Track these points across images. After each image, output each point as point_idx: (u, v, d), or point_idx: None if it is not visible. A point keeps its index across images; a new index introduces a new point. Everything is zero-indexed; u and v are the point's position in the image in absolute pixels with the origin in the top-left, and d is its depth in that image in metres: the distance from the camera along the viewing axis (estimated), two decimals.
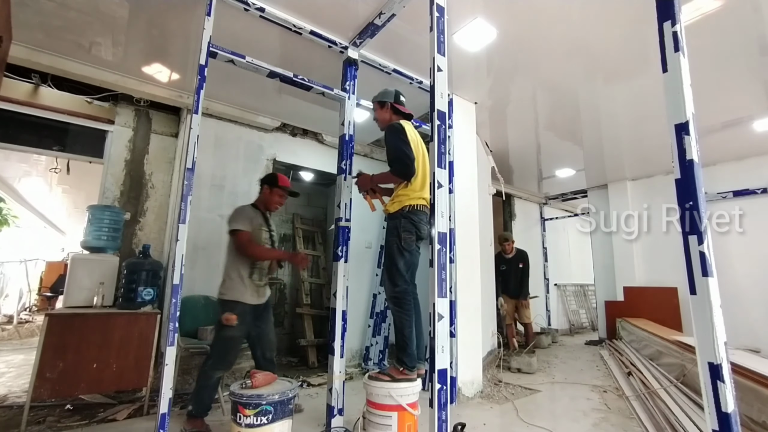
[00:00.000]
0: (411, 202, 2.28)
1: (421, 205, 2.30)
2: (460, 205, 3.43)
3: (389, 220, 2.37)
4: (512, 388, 3.59)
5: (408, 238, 2.26)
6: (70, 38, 2.84)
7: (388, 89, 2.57)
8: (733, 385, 1.00)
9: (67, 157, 4.68)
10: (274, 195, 2.69)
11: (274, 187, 2.69)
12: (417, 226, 2.28)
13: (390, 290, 2.31)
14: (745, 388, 2.37)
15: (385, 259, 2.36)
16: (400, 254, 2.26)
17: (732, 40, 2.78)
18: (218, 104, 3.75)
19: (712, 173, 5.26)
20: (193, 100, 2.08)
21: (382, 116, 2.53)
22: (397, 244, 2.27)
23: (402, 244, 2.26)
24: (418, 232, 2.28)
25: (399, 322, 2.26)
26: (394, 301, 2.29)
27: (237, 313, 2.42)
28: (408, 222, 2.26)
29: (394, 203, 2.34)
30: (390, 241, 2.32)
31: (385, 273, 2.35)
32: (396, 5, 2.39)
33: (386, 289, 2.36)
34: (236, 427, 1.85)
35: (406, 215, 2.27)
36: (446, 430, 1.48)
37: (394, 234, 2.29)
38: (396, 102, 2.50)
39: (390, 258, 2.30)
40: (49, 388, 2.47)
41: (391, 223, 2.35)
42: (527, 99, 3.82)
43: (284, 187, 2.71)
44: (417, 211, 2.28)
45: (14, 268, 7.29)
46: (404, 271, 2.27)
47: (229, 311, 2.41)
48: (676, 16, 1.19)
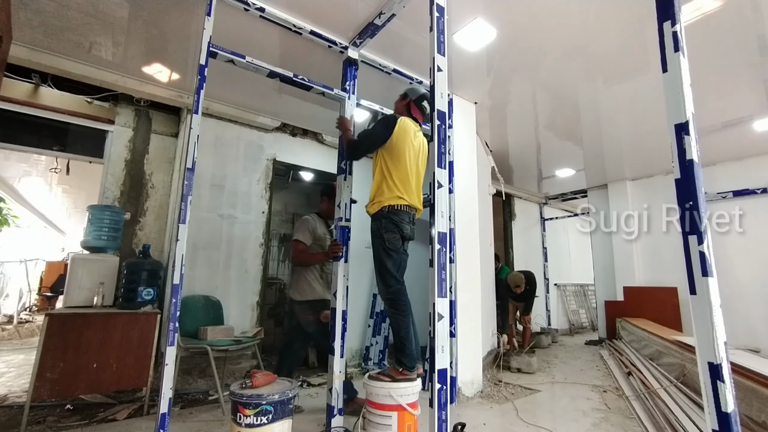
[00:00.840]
0: (390, 202, 2.27)
1: (401, 205, 2.28)
2: (460, 205, 3.43)
3: (372, 222, 2.36)
4: (512, 388, 3.59)
5: (391, 238, 2.25)
6: (70, 38, 2.84)
7: (419, 88, 2.60)
8: (732, 385, 1.00)
9: (67, 157, 4.68)
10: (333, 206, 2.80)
11: (332, 198, 2.88)
12: (398, 226, 2.26)
13: (384, 292, 2.31)
14: (745, 388, 2.37)
15: (375, 262, 2.33)
16: (386, 255, 2.26)
17: (732, 40, 2.78)
18: (218, 104, 3.75)
19: (712, 173, 5.26)
20: (193, 100, 2.08)
21: (398, 107, 2.57)
22: (382, 246, 2.26)
23: (387, 245, 2.25)
24: (401, 232, 2.27)
25: (395, 323, 2.26)
26: (389, 303, 2.29)
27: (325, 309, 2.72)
28: (389, 222, 2.25)
29: (373, 204, 2.33)
30: (375, 243, 2.32)
31: (376, 276, 2.34)
32: (396, 5, 2.39)
33: (380, 291, 2.36)
34: (236, 427, 1.85)
35: (386, 215, 2.26)
36: (446, 429, 1.48)
37: (377, 236, 2.29)
38: (415, 103, 2.51)
39: (378, 260, 2.30)
40: (49, 388, 2.47)
41: (373, 225, 2.34)
42: (527, 99, 3.82)
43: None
44: (397, 211, 2.27)
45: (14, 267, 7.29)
46: (394, 272, 2.26)
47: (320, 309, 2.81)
48: (675, 16, 1.19)
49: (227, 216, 3.80)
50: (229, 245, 3.77)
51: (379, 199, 2.30)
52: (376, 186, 2.36)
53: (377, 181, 2.36)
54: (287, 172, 4.99)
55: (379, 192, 2.32)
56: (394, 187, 2.28)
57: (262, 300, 3.91)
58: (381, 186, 2.32)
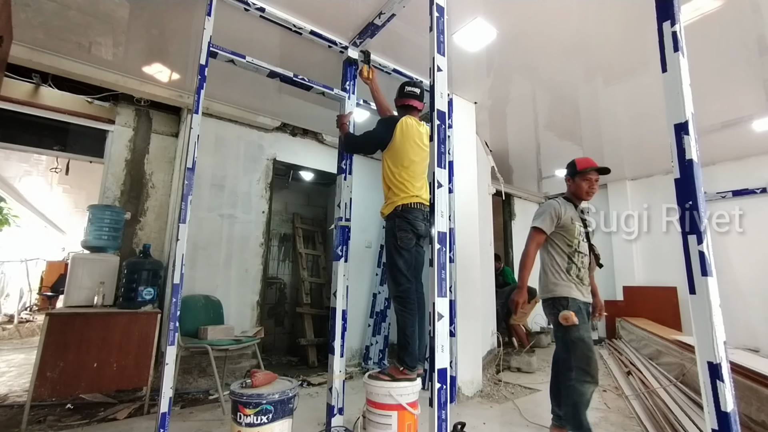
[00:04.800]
0: (403, 201, 2.28)
1: (416, 203, 2.29)
2: (460, 205, 3.43)
3: (386, 222, 2.37)
4: (512, 387, 3.59)
5: (404, 237, 2.25)
6: (70, 38, 2.84)
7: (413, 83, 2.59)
8: (732, 385, 1.00)
9: (68, 157, 4.69)
10: (579, 183, 2.42)
11: (575, 176, 2.44)
12: (412, 224, 2.26)
13: (393, 290, 2.31)
14: (745, 387, 2.37)
15: (387, 261, 2.37)
16: (398, 254, 2.27)
17: (732, 40, 2.78)
18: (218, 104, 3.75)
19: (711, 173, 5.26)
20: (193, 100, 2.08)
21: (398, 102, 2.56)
22: (395, 244, 2.27)
23: (399, 244, 2.26)
24: (414, 230, 2.27)
25: (402, 321, 2.26)
26: (398, 301, 2.30)
27: (573, 309, 2.18)
28: (402, 221, 2.26)
29: (387, 205, 2.35)
30: (388, 242, 2.33)
31: (387, 274, 2.37)
32: (396, 5, 2.40)
33: (390, 289, 2.38)
34: (236, 426, 1.85)
35: (399, 215, 2.27)
36: (446, 429, 1.48)
37: (391, 235, 2.30)
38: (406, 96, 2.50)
39: (390, 259, 2.32)
40: (49, 387, 2.47)
41: (387, 224, 2.36)
42: (527, 99, 3.82)
43: (585, 170, 2.42)
44: (411, 209, 2.28)
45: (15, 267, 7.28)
46: (405, 270, 2.27)
47: (562, 309, 2.20)
48: (675, 16, 1.19)
49: (227, 216, 3.80)
50: (229, 245, 3.78)
51: (393, 200, 2.32)
52: (386, 188, 2.38)
53: (387, 184, 2.37)
54: (287, 171, 4.99)
55: (391, 193, 2.34)
56: (404, 187, 2.29)
57: (262, 300, 3.92)
58: (392, 188, 2.34)
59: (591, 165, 2.43)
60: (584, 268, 2.34)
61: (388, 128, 2.35)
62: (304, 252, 5.15)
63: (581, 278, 2.31)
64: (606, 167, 2.42)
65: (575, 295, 2.25)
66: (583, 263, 2.34)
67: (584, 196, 2.42)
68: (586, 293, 2.32)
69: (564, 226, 2.33)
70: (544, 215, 2.35)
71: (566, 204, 2.41)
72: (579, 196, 2.44)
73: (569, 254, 2.31)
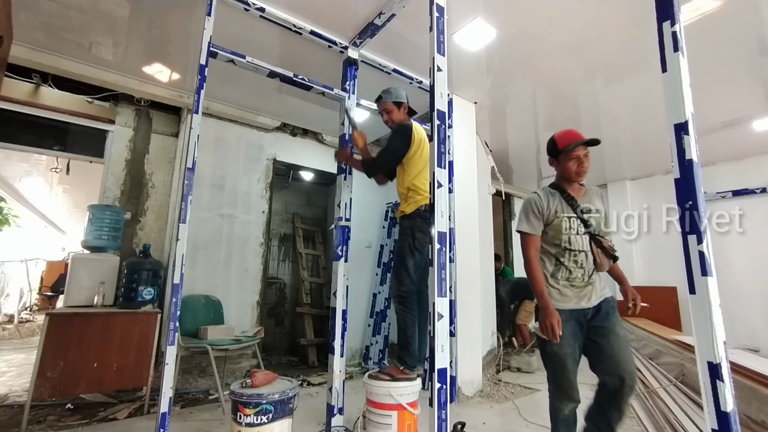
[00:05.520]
0: (426, 201, 2.26)
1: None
2: (460, 205, 3.43)
3: (404, 220, 2.36)
4: (512, 387, 3.59)
5: (422, 239, 2.23)
6: (70, 38, 2.84)
7: (398, 90, 2.57)
8: (732, 385, 1.00)
9: (68, 157, 4.68)
10: (565, 164, 1.95)
11: (557, 155, 1.99)
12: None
13: (396, 289, 2.31)
14: (744, 387, 2.37)
15: (395, 258, 2.36)
16: (410, 254, 2.26)
17: (731, 40, 2.78)
18: (218, 104, 3.75)
19: (711, 173, 5.26)
20: (193, 100, 2.08)
21: (399, 117, 2.51)
22: (410, 244, 2.26)
23: (415, 244, 2.25)
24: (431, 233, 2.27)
25: (402, 321, 2.26)
26: (399, 300, 2.29)
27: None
28: (424, 222, 2.23)
29: (410, 204, 2.34)
30: (402, 241, 2.32)
31: (393, 272, 2.36)
32: (396, 5, 2.40)
33: (393, 287, 2.37)
34: (236, 426, 1.85)
35: (422, 215, 2.25)
36: (446, 429, 1.48)
37: (408, 234, 2.29)
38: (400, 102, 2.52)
39: (400, 257, 2.31)
40: (49, 387, 2.48)
41: (406, 223, 2.34)
42: (527, 98, 3.82)
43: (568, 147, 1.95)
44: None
45: (15, 267, 7.28)
46: (412, 272, 2.27)
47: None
48: (675, 16, 1.19)
49: (227, 216, 3.80)
50: (229, 245, 3.78)
51: (416, 199, 2.31)
52: (405, 189, 2.38)
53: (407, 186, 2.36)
54: (287, 171, 4.99)
55: (413, 192, 2.33)
56: (424, 189, 2.29)
57: (262, 299, 3.92)
58: (411, 188, 2.34)
59: (574, 139, 1.94)
60: (581, 269, 1.89)
61: (404, 142, 2.36)
62: (304, 252, 5.16)
63: (572, 281, 1.89)
64: (595, 139, 1.96)
65: (562, 304, 1.86)
66: (579, 262, 1.89)
67: (574, 177, 1.96)
68: (584, 298, 1.89)
69: (548, 223, 1.92)
70: (525, 215, 1.96)
71: (550, 195, 1.95)
72: (568, 179, 1.98)
73: (556, 255, 1.91)
